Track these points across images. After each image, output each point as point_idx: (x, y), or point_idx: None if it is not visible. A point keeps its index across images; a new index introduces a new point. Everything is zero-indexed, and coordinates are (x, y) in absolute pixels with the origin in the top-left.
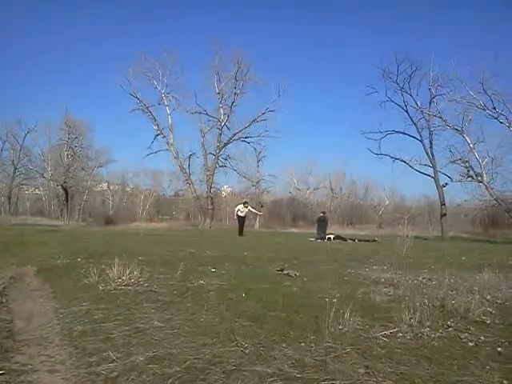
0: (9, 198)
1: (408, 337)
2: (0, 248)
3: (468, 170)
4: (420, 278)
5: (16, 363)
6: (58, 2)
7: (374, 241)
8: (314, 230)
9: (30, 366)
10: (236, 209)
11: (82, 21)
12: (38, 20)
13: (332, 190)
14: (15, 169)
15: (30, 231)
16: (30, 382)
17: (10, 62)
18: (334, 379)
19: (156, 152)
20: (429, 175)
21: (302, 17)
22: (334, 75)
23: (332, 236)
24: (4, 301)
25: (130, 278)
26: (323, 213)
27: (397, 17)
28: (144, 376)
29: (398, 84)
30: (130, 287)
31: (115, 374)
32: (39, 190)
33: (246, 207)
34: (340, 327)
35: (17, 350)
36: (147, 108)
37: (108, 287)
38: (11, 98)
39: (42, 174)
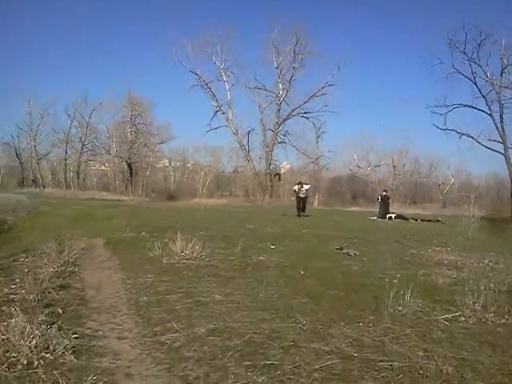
0: (77, 173)
1: (471, 322)
2: (71, 221)
3: None
4: (486, 261)
5: (88, 329)
6: None
7: (438, 221)
8: (375, 209)
9: (100, 332)
10: (294, 188)
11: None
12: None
13: (394, 167)
14: (83, 145)
15: (97, 206)
16: (101, 347)
17: (77, 45)
18: (392, 361)
19: (215, 128)
20: (499, 152)
21: None
22: (395, 47)
23: (393, 215)
24: (76, 270)
25: (192, 253)
26: (385, 191)
27: None
28: (205, 347)
29: (465, 54)
30: (192, 261)
31: (178, 343)
32: (105, 166)
33: (302, 186)
34: (400, 308)
35: (89, 317)
36: (206, 84)
37: (171, 261)
38: (78, 76)
39: (108, 151)
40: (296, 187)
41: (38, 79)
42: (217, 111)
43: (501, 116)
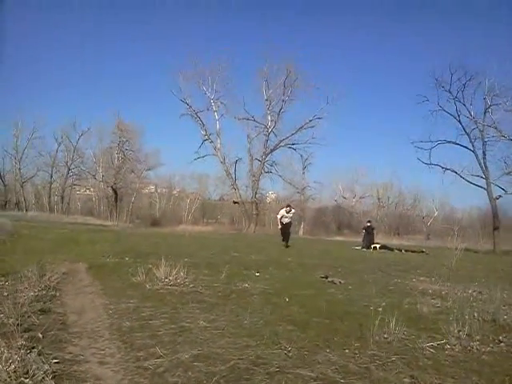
0: (62, 197)
1: (456, 349)
2: (54, 245)
3: None
4: (470, 291)
5: (69, 353)
6: (110, 6)
7: (422, 252)
8: (360, 239)
9: (81, 357)
10: (279, 216)
11: (133, 25)
12: (92, 24)
13: (379, 199)
14: (68, 169)
15: (81, 230)
16: (82, 372)
17: (66, 68)
18: None
19: (203, 156)
20: (481, 187)
21: (351, 22)
22: (384, 84)
23: (378, 245)
24: (58, 295)
25: (176, 279)
26: (369, 222)
27: (450, 25)
28: (190, 373)
29: (451, 93)
30: (176, 287)
31: (162, 369)
32: (90, 191)
33: (290, 211)
34: (385, 336)
35: (70, 342)
36: (196, 113)
37: (155, 286)
38: (66, 101)
39: (94, 176)
40: (283, 210)
41: (26, 102)
42: (205, 140)
43: (483, 153)
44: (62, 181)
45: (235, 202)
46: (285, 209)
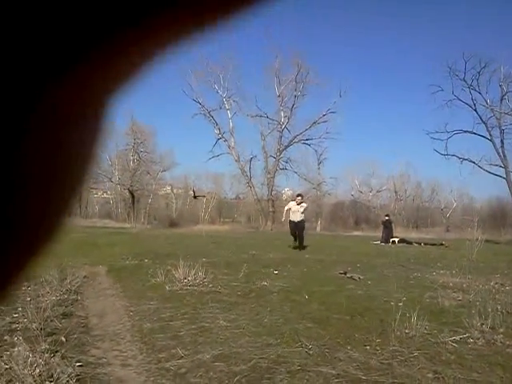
0: (80, 201)
1: (479, 343)
2: (73, 249)
3: None
4: (492, 284)
5: (92, 356)
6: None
7: (442, 244)
8: (378, 234)
9: (104, 360)
10: (286, 208)
11: None
12: None
13: (396, 192)
14: None
15: (99, 233)
16: (106, 374)
17: None
18: (402, 383)
19: (217, 156)
20: (500, 176)
21: (361, 12)
22: (397, 74)
23: (397, 239)
24: (79, 298)
25: (195, 279)
26: (387, 216)
27: (461, 13)
28: (211, 373)
29: (465, 82)
30: (195, 287)
31: (183, 370)
32: (107, 194)
33: (301, 204)
34: (407, 331)
35: (92, 344)
36: (209, 112)
37: (174, 287)
38: None
39: (110, 179)
40: (293, 203)
41: None
42: (219, 139)
43: (501, 141)
44: None
45: (195, 197)
46: (295, 201)
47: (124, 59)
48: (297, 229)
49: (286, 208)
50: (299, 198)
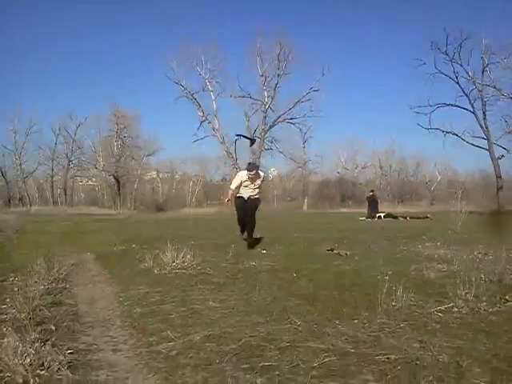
0: (64, 189)
1: (464, 312)
2: (60, 237)
3: None
4: (475, 254)
5: (82, 343)
6: None
7: (426, 217)
8: (364, 210)
9: (95, 346)
10: (235, 183)
11: (123, 14)
12: (83, 13)
13: (381, 167)
14: (69, 161)
15: (86, 221)
16: (97, 360)
17: (59, 59)
18: (389, 354)
19: (202, 138)
20: (483, 148)
21: None
22: (379, 50)
23: (383, 214)
24: (67, 286)
25: (183, 262)
26: (372, 191)
27: None
28: (202, 353)
29: (447, 55)
30: (184, 270)
31: (174, 352)
32: (92, 181)
33: (255, 175)
34: (393, 304)
35: (82, 332)
36: (192, 95)
37: (163, 271)
38: (61, 93)
39: (95, 165)
40: (243, 173)
41: (21, 97)
42: (203, 121)
43: (484, 113)
44: (64, 173)
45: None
46: (246, 172)
47: None
48: (247, 209)
49: (236, 182)
50: (252, 169)
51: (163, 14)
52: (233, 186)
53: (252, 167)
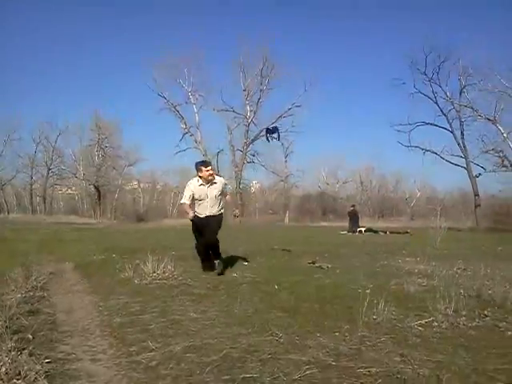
0: (44, 197)
1: (444, 326)
2: (39, 246)
3: (502, 160)
4: (454, 269)
5: (61, 352)
6: (80, 3)
7: (406, 233)
8: (345, 224)
9: (73, 356)
10: (186, 200)
11: (106, 20)
12: (65, 20)
13: (362, 183)
14: (49, 169)
15: (65, 230)
16: (75, 370)
17: (39, 67)
18: (370, 367)
19: (184, 150)
20: (461, 166)
21: (326, 8)
22: (360, 68)
23: (363, 229)
24: (46, 295)
25: (164, 272)
26: (353, 206)
27: (422, 7)
28: (182, 364)
29: (426, 75)
30: (164, 281)
31: (154, 362)
32: (72, 190)
33: (209, 183)
34: (374, 317)
35: (61, 341)
36: (174, 107)
37: (143, 281)
38: (42, 101)
39: (75, 174)
40: (195, 181)
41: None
42: (185, 133)
43: (461, 133)
44: (43, 181)
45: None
46: (197, 178)
47: None
48: (207, 231)
49: (187, 194)
50: (207, 170)
51: (148, 21)
52: (184, 200)
53: (207, 163)
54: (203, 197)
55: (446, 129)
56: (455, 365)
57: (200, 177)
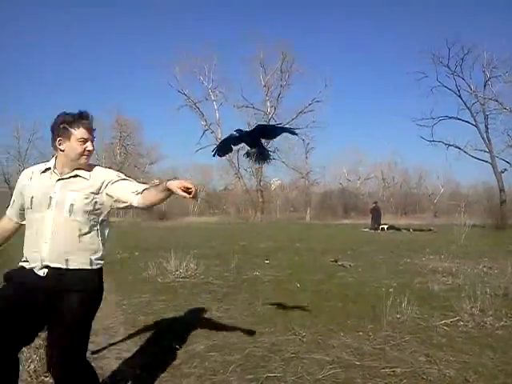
0: None
1: (470, 326)
2: None
3: None
4: (480, 267)
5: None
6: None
7: (430, 230)
8: (367, 221)
9: (99, 353)
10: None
11: (127, 19)
12: (85, 21)
13: (383, 179)
14: None
15: None
16: (101, 368)
17: (62, 67)
18: (395, 367)
19: (205, 147)
20: (485, 161)
21: (345, 4)
22: (383, 62)
23: (386, 226)
24: None
25: (186, 271)
26: (375, 203)
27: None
28: (206, 363)
29: (449, 68)
30: (187, 279)
31: (178, 361)
32: None
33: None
34: (398, 316)
35: None
36: (195, 104)
37: (166, 280)
38: (65, 100)
39: None
40: (27, 174)
41: (24, 104)
42: (206, 130)
43: (486, 126)
44: None
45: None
46: (43, 163)
47: None
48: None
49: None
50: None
51: (168, 20)
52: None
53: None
54: (41, 205)
55: (469, 123)
56: (482, 366)
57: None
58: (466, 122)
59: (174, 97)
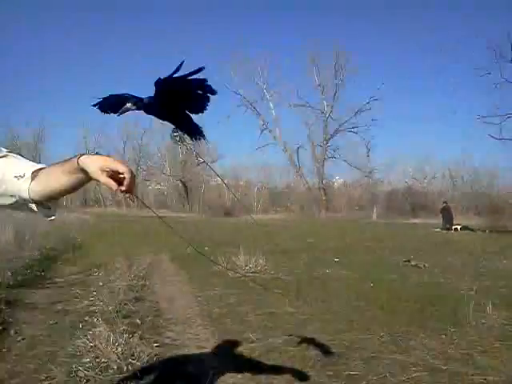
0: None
1: None
2: (135, 238)
3: None
4: None
5: (167, 338)
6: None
7: (510, 232)
8: (437, 221)
9: (179, 342)
10: None
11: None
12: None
13: (452, 178)
14: (138, 166)
15: (158, 223)
16: (183, 356)
17: (123, 67)
18: (486, 375)
19: (263, 146)
20: None
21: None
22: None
23: (459, 226)
24: (147, 284)
25: (256, 266)
26: (445, 202)
27: None
28: (284, 357)
29: None
30: (256, 274)
31: (257, 353)
32: (161, 185)
33: None
34: (483, 321)
35: (166, 327)
36: (251, 104)
37: (237, 274)
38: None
39: (162, 171)
40: None
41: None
42: (263, 129)
43: None
44: None
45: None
46: None
47: None
48: None
49: None
50: None
51: (218, 21)
52: None
53: None
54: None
55: None
56: None
57: None
58: None
59: (231, 96)
